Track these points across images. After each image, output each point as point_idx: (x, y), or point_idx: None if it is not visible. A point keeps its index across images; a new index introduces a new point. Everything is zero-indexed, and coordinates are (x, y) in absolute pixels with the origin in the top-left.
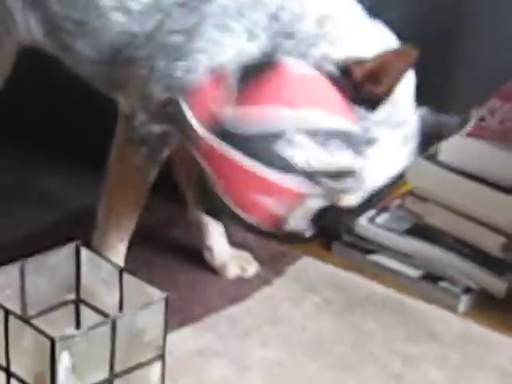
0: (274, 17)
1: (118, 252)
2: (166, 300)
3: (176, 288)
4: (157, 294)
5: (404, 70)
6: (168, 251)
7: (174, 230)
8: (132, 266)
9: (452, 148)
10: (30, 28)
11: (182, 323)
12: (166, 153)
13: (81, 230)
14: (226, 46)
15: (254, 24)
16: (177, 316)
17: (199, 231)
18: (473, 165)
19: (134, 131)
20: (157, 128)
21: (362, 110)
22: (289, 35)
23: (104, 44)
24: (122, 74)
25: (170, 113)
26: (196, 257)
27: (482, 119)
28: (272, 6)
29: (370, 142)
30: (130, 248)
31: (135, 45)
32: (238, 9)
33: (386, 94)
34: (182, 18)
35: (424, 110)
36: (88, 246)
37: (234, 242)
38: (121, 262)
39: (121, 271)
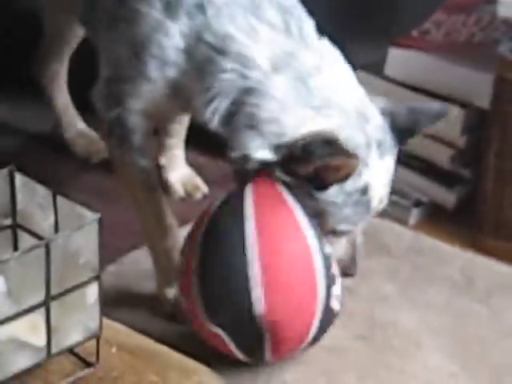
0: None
1: None
2: (100, 221)
3: (126, 212)
4: (90, 216)
5: (344, 178)
6: None
7: None
8: (84, 192)
9: (397, 62)
10: None
11: (134, 246)
12: (140, 140)
13: (34, 157)
14: (143, 15)
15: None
16: (128, 239)
17: (159, 149)
18: (419, 78)
19: (99, 122)
20: (112, 114)
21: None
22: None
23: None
24: None
25: (114, 94)
26: None
27: (426, 32)
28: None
29: (364, 190)
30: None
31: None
32: None
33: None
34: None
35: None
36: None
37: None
38: None
39: (54, 195)
